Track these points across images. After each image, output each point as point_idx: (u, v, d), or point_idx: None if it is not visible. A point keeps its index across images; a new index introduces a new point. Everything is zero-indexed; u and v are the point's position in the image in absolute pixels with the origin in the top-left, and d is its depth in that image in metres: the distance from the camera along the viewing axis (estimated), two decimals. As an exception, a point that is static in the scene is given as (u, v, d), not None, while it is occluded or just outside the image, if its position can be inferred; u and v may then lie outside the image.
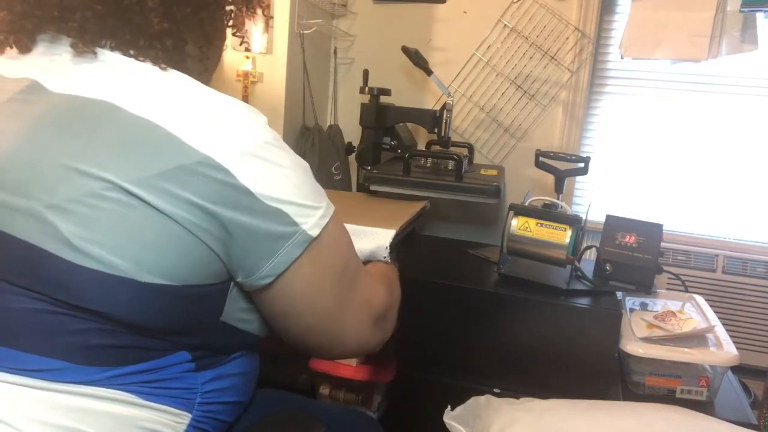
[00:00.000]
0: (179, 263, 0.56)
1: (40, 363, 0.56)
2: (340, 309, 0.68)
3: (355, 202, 1.56)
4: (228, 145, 0.56)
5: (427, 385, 1.40)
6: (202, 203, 0.55)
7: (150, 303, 0.56)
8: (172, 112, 0.57)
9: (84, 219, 0.53)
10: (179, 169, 0.54)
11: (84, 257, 0.53)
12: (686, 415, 1.02)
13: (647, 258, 1.42)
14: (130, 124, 0.55)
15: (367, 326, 0.73)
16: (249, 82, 1.89)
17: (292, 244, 0.60)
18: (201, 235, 0.56)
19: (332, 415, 0.87)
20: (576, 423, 0.98)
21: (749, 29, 1.77)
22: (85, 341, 0.56)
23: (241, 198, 0.56)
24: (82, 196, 0.53)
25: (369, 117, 1.83)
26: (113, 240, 0.53)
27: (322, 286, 0.65)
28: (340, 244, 0.68)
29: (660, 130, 2.10)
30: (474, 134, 2.17)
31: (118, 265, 0.54)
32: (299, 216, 0.60)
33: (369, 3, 2.20)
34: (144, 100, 0.57)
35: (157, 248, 0.54)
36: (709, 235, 2.09)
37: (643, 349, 1.20)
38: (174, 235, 0.55)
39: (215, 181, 0.55)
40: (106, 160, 0.54)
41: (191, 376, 0.63)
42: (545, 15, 2.01)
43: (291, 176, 0.61)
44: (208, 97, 0.59)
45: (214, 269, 0.59)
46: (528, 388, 1.26)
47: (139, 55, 0.62)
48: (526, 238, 1.36)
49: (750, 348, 2.02)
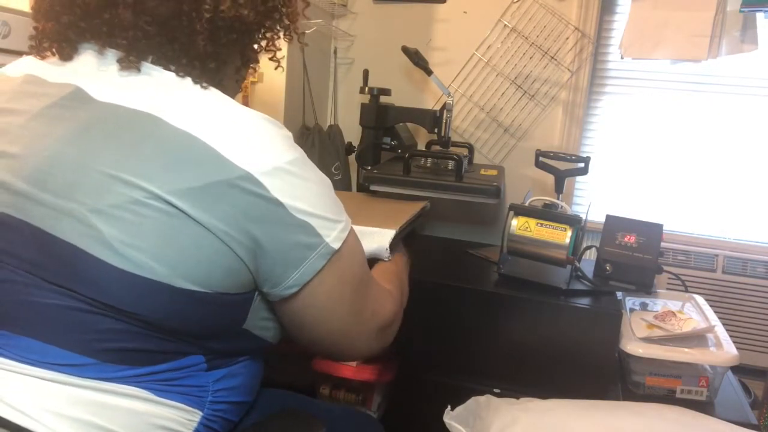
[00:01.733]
0: (212, 272, 0.58)
1: (65, 357, 0.58)
2: (355, 319, 0.72)
3: (355, 202, 1.56)
4: (262, 160, 0.59)
5: (427, 385, 1.40)
6: (236, 215, 0.58)
7: (181, 308, 0.59)
8: (211, 127, 0.59)
9: (126, 225, 0.55)
10: (219, 182, 0.57)
11: (124, 260, 0.55)
12: (686, 415, 1.02)
13: (647, 258, 1.42)
14: (171, 137, 0.58)
15: (372, 335, 0.76)
16: (249, 82, 1.89)
17: (317, 256, 0.63)
18: (233, 245, 0.59)
19: (332, 415, 0.87)
20: (576, 423, 0.98)
21: (749, 29, 1.77)
22: (113, 341, 0.58)
23: (273, 210, 0.59)
24: (125, 203, 0.55)
25: (369, 117, 1.83)
26: (153, 246, 0.56)
27: (341, 297, 0.68)
28: (357, 256, 0.71)
29: (660, 130, 2.10)
30: (474, 134, 2.17)
31: (156, 269, 0.56)
32: (323, 228, 0.63)
33: (369, 3, 2.20)
34: (185, 114, 0.59)
35: (193, 256, 0.57)
36: (709, 235, 2.09)
37: (643, 349, 1.20)
38: (209, 245, 0.57)
39: (250, 194, 0.58)
40: (149, 170, 0.56)
41: (203, 375, 0.65)
42: (545, 15, 2.01)
43: (316, 190, 0.64)
44: (243, 114, 0.62)
45: (242, 279, 0.62)
46: (528, 388, 1.26)
47: (180, 71, 0.64)
48: (526, 238, 1.36)
49: (750, 348, 2.02)
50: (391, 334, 0.83)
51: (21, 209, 0.58)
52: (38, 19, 0.66)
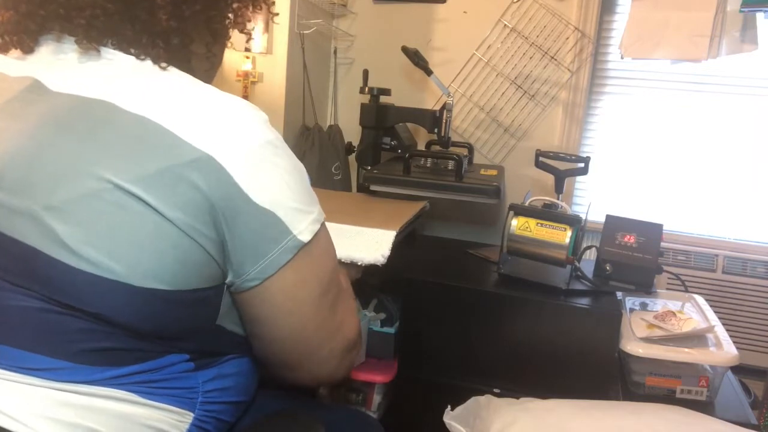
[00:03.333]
0: (175, 267, 0.55)
1: (39, 362, 0.56)
2: (316, 327, 0.66)
3: (355, 202, 1.56)
4: (225, 142, 0.56)
5: (427, 385, 1.40)
6: (196, 201, 0.54)
7: (145, 307, 0.55)
8: (169, 109, 0.56)
9: (81, 221, 0.53)
10: (175, 166, 0.54)
11: (79, 260, 0.53)
12: (686, 415, 1.02)
13: (647, 258, 1.42)
14: (127, 122, 0.55)
15: (338, 353, 0.70)
16: (249, 82, 1.89)
17: (282, 249, 0.59)
18: (196, 236, 0.55)
19: (332, 415, 0.87)
20: (576, 423, 0.98)
21: (749, 29, 1.77)
22: (82, 342, 0.56)
23: (234, 196, 0.56)
24: (80, 197, 0.53)
25: (369, 117, 1.83)
26: (110, 243, 0.53)
27: (304, 298, 0.64)
28: (328, 255, 0.66)
29: (660, 130, 2.10)
30: (474, 134, 2.17)
31: (113, 268, 0.53)
32: (291, 220, 0.59)
33: (369, 3, 2.20)
34: (142, 98, 0.57)
35: (154, 252, 0.54)
36: (709, 235, 2.09)
37: (643, 349, 1.20)
38: (169, 238, 0.54)
39: (210, 178, 0.54)
40: (105, 159, 0.54)
41: (191, 376, 0.63)
42: (545, 15, 2.01)
43: (286, 178, 0.60)
44: (207, 94, 0.59)
45: (209, 272, 0.58)
46: (528, 388, 1.26)
47: (141, 54, 0.61)
48: (526, 238, 1.36)
49: (750, 348, 2.02)
50: (355, 359, 0.75)
51: None
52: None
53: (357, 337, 0.74)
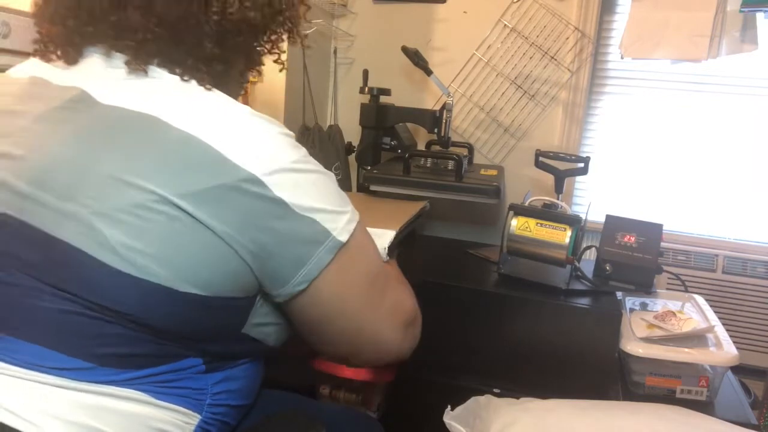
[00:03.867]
0: (215, 276, 0.58)
1: (64, 361, 0.57)
2: (373, 313, 0.70)
3: (354, 202, 1.56)
4: (264, 161, 0.59)
5: (427, 385, 1.40)
6: (241, 217, 0.57)
7: (182, 311, 0.58)
8: (213, 128, 0.59)
9: (130, 228, 0.55)
10: (223, 185, 0.57)
11: (126, 264, 0.55)
12: (686, 415, 1.02)
13: (647, 258, 1.42)
14: (173, 138, 0.58)
15: (399, 331, 0.74)
16: (249, 82, 1.89)
17: (324, 250, 0.62)
18: (239, 249, 0.58)
19: (332, 415, 0.87)
20: (576, 423, 0.98)
21: (749, 29, 1.77)
22: (111, 345, 0.58)
23: (277, 209, 0.59)
24: (129, 206, 0.55)
25: (369, 117, 1.83)
26: (157, 250, 0.55)
27: (352, 290, 0.67)
28: (367, 249, 0.70)
29: (660, 130, 2.10)
30: (474, 134, 2.17)
31: (159, 273, 0.56)
32: (328, 222, 0.63)
33: (369, 3, 2.20)
34: (187, 115, 0.59)
35: (198, 260, 0.57)
36: (709, 235, 2.09)
37: (643, 349, 1.20)
38: (214, 248, 0.57)
39: (254, 196, 0.58)
40: (152, 172, 0.56)
41: (202, 377, 0.65)
42: (545, 15, 2.01)
43: (319, 185, 0.64)
44: (245, 115, 0.62)
45: (245, 283, 0.61)
46: (528, 388, 1.26)
47: (185, 74, 0.64)
48: (526, 238, 1.36)
49: (750, 348, 2.02)
50: (418, 333, 0.81)
51: (22, 210, 0.57)
52: (41, 23, 0.66)
53: (414, 311, 0.79)
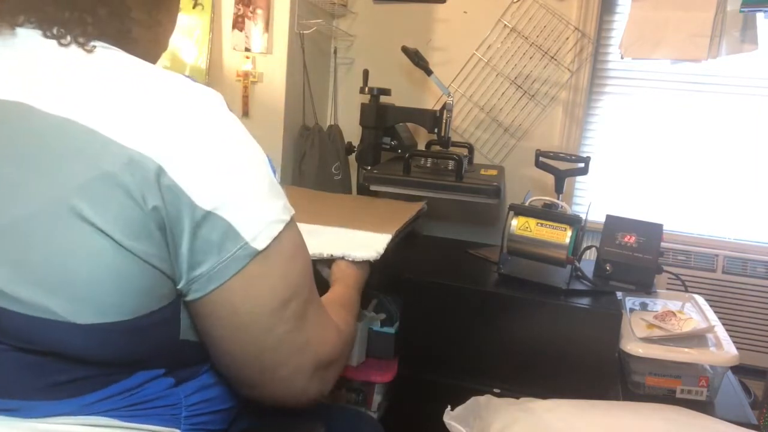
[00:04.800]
0: (123, 295, 0.48)
1: (4, 403, 0.51)
2: (277, 343, 0.57)
3: (351, 204, 1.56)
4: (163, 137, 0.48)
5: (427, 385, 1.40)
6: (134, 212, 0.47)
7: (98, 342, 0.49)
8: (92, 104, 0.48)
9: (9, 256, 0.46)
10: (107, 173, 0.46)
11: (14, 302, 0.47)
12: (686, 415, 1.02)
13: (647, 258, 1.42)
14: (46, 128, 0.48)
15: (306, 371, 0.60)
16: (249, 82, 1.89)
17: (231, 258, 0.51)
18: (141, 255, 0.48)
19: (332, 415, 0.87)
20: (576, 423, 0.97)
21: (749, 29, 1.77)
22: (43, 378, 0.51)
23: (176, 201, 0.48)
24: (4, 227, 0.46)
25: (369, 117, 1.83)
26: (44, 277, 0.46)
27: (258, 312, 0.55)
28: (293, 261, 0.57)
29: (660, 130, 2.10)
30: (474, 134, 2.17)
31: (52, 308, 0.47)
32: (243, 223, 0.51)
33: (369, 3, 2.20)
34: (63, 94, 0.49)
35: (94, 283, 0.47)
36: (709, 235, 2.09)
37: (643, 349, 1.20)
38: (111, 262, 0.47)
39: (147, 182, 0.47)
40: (32, 174, 0.46)
41: (173, 393, 0.59)
42: (545, 15, 2.01)
43: (240, 173, 0.52)
44: (141, 80, 0.51)
45: (161, 291, 0.52)
46: (528, 388, 1.26)
47: (65, 34, 0.52)
48: (526, 238, 1.36)
49: (750, 348, 2.02)
50: (332, 378, 0.66)
51: None
52: None
53: (333, 355, 0.64)
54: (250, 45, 1.89)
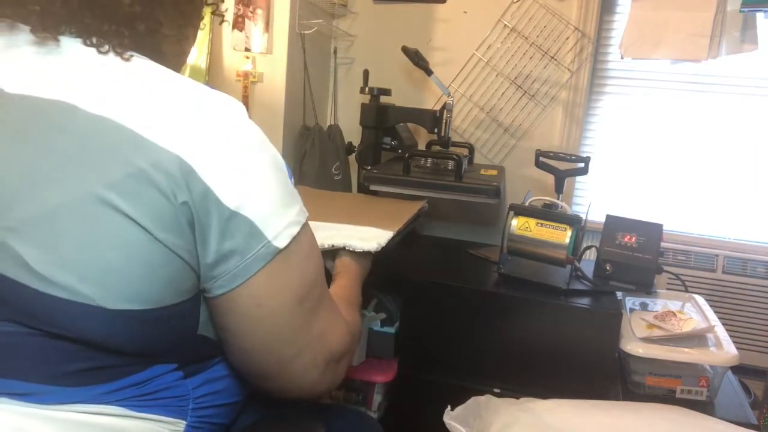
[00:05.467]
0: (151, 284, 0.51)
1: (22, 387, 0.53)
2: (294, 336, 0.61)
3: (353, 203, 1.56)
4: (194, 140, 0.51)
5: (427, 385, 1.40)
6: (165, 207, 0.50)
7: (123, 329, 0.52)
8: (129, 105, 0.52)
9: (44, 242, 0.49)
10: (140, 169, 0.49)
11: (48, 284, 0.49)
12: (686, 415, 1.02)
13: (647, 258, 1.42)
14: (86, 126, 0.51)
15: (318, 365, 0.64)
16: (249, 82, 1.89)
17: (254, 257, 0.54)
18: (170, 246, 0.51)
19: (332, 415, 0.87)
20: (576, 423, 0.98)
21: (749, 29, 1.77)
22: (61, 364, 0.53)
23: (205, 200, 0.52)
24: (40, 215, 0.49)
25: (369, 117, 1.83)
26: (78, 264, 0.49)
27: (277, 307, 0.58)
28: (309, 260, 0.61)
29: (660, 130, 2.10)
30: (474, 134, 2.17)
31: (83, 291, 0.49)
32: (265, 223, 0.54)
33: (369, 3, 2.20)
34: (102, 96, 0.52)
35: (126, 270, 0.50)
36: (709, 235, 2.09)
37: (643, 349, 1.20)
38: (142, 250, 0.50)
39: (178, 181, 0.50)
40: (64, 169, 0.50)
41: (181, 384, 0.61)
42: (545, 15, 2.01)
43: (262, 177, 0.55)
44: (175, 88, 0.54)
45: (185, 284, 0.54)
46: (528, 388, 1.26)
47: (103, 44, 0.56)
48: (526, 238, 1.36)
49: (750, 348, 2.02)
50: (343, 371, 0.69)
51: None
52: None
53: (344, 348, 0.68)
54: (250, 45, 1.89)
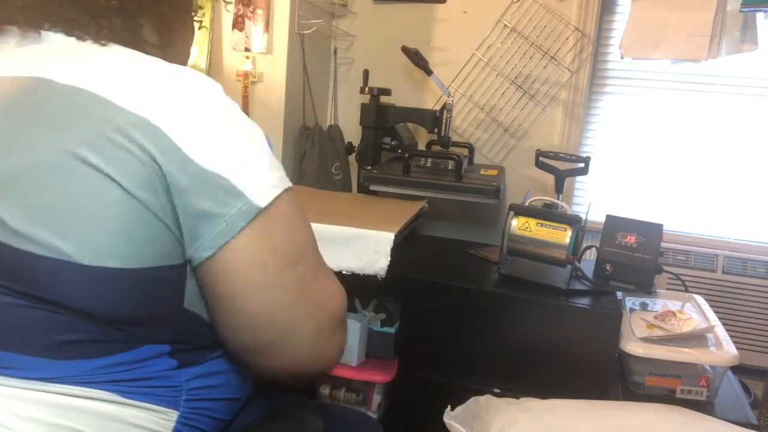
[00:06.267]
0: (128, 241, 0.52)
1: (9, 360, 0.54)
2: (291, 304, 0.61)
3: (353, 203, 1.56)
4: (164, 107, 0.54)
5: (427, 385, 1.40)
6: (141, 168, 0.52)
7: (100, 289, 0.53)
8: (104, 78, 0.55)
9: (22, 198, 0.51)
10: (114, 132, 0.52)
11: (26, 241, 0.51)
12: (686, 415, 1.02)
13: (647, 258, 1.42)
14: (62, 94, 0.54)
15: (324, 333, 0.63)
16: (249, 82, 1.89)
17: (236, 214, 0.55)
18: (146, 203, 0.52)
19: (332, 415, 0.87)
20: (576, 423, 0.98)
21: (749, 29, 1.77)
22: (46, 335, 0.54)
23: (177, 160, 0.53)
24: (19, 174, 0.52)
25: (369, 117, 1.83)
26: (54, 219, 0.51)
27: (269, 268, 0.58)
28: (297, 224, 0.62)
29: (660, 130, 2.10)
30: (474, 134, 2.17)
31: (60, 247, 0.51)
32: (243, 182, 0.56)
33: (369, 3, 2.20)
34: (78, 70, 0.56)
35: (102, 224, 0.51)
36: (709, 235, 2.09)
37: (643, 349, 1.20)
38: (117, 205, 0.51)
39: (149, 144, 0.52)
40: (43, 130, 0.53)
41: (174, 374, 0.61)
42: (545, 15, 2.01)
43: (237, 137, 0.57)
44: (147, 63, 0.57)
45: (164, 247, 0.55)
46: (528, 388, 1.26)
47: (84, 35, 0.59)
48: (526, 238, 1.36)
49: (750, 348, 2.02)
50: (344, 342, 0.69)
51: None
52: None
53: (344, 314, 0.68)
54: (250, 45, 1.89)
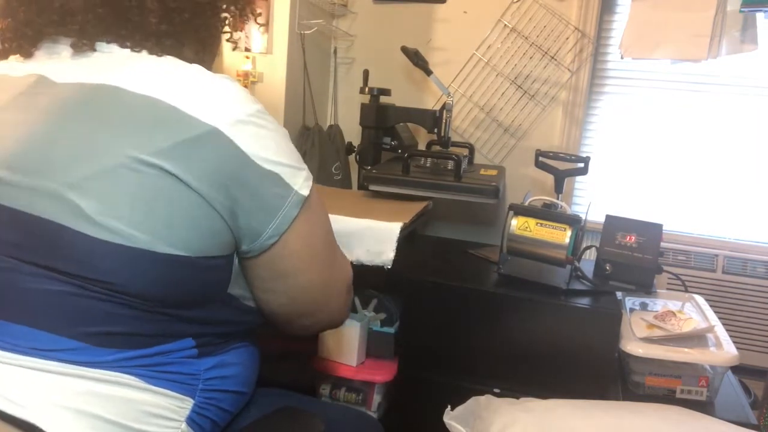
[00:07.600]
0: (193, 234, 0.59)
1: (53, 342, 0.58)
2: (329, 272, 0.73)
3: (358, 200, 1.56)
4: (225, 114, 0.61)
5: (427, 385, 1.40)
6: (210, 170, 0.59)
7: (163, 274, 0.59)
8: (170, 88, 0.60)
9: (102, 195, 0.56)
10: (188, 140, 0.58)
11: (104, 231, 0.56)
12: (686, 415, 1.02)
13: (647, 258, 1.42)
14: (134, 102, 0.59)
15: (343, 293, 0.77)
16: (249, 82, 1.89)
17: (290, 204, 0.65)
18: (214, 203, 0.60)
19: (332, 415, 0.87)
20: (576, 423, 0.98)
21: (749, 29, 1.77)
22: (99, 324, 0.59)
23: (242, 162, 0.61)
24: (99, 173, 0.57)
25: (369, 117, 1.83)
26: (132, 213, 0.56)
27: (315, 246, 0.70)
28: (322, 207, 0.73)
29: (660, 130, 2.10)
30: (474, 134, 2.17)
31: (136, 237, 0.56)
32: (290, 177, 0.65)
33: (369, 3, 2.20)
34: (143, 80, 0.61)
35: (173, 219, 0.58)
36: (709, 235, 2.09)
37: (643, 349, 1.20)
38: (189, 204, 0.58)
39: (219, 148, 0.59)
40: (119, 136, 0.58)
41: (194, 362, 0.66)
42: (545, 15, 2.01)
43: (278, 140, 0.65)
44: (200, 73, 0.64)
45: (223, 240, 0.63)
46: (528, 388, 1.26)
47: (136, 47, 0.66)
48: (526, 238, 1.36)
49: (750, 348, 2.02)
50: (351, 299, 0.83)
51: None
52: None
53: (352, 277, 0.80)
54: (250, 45, 1.89)
